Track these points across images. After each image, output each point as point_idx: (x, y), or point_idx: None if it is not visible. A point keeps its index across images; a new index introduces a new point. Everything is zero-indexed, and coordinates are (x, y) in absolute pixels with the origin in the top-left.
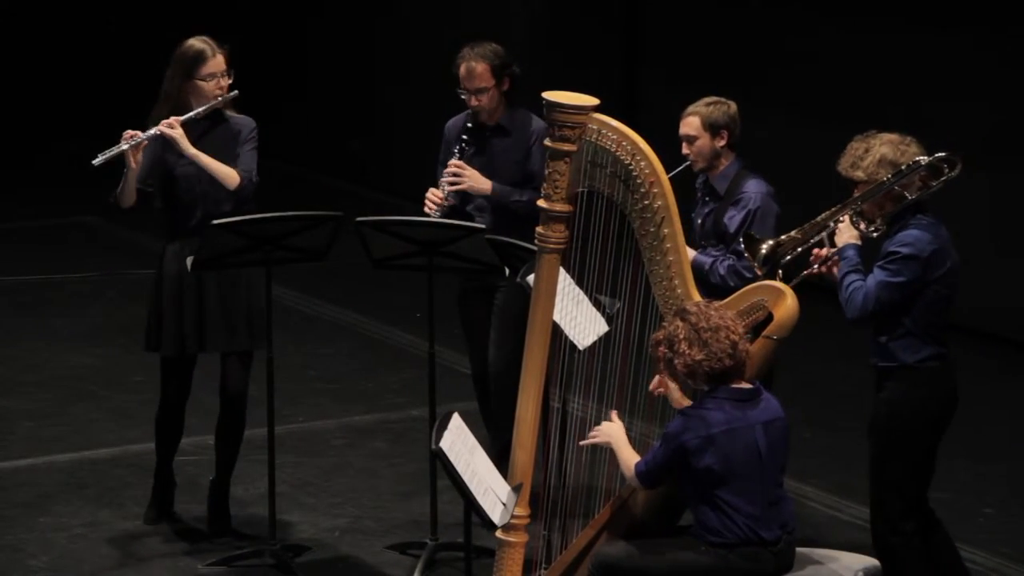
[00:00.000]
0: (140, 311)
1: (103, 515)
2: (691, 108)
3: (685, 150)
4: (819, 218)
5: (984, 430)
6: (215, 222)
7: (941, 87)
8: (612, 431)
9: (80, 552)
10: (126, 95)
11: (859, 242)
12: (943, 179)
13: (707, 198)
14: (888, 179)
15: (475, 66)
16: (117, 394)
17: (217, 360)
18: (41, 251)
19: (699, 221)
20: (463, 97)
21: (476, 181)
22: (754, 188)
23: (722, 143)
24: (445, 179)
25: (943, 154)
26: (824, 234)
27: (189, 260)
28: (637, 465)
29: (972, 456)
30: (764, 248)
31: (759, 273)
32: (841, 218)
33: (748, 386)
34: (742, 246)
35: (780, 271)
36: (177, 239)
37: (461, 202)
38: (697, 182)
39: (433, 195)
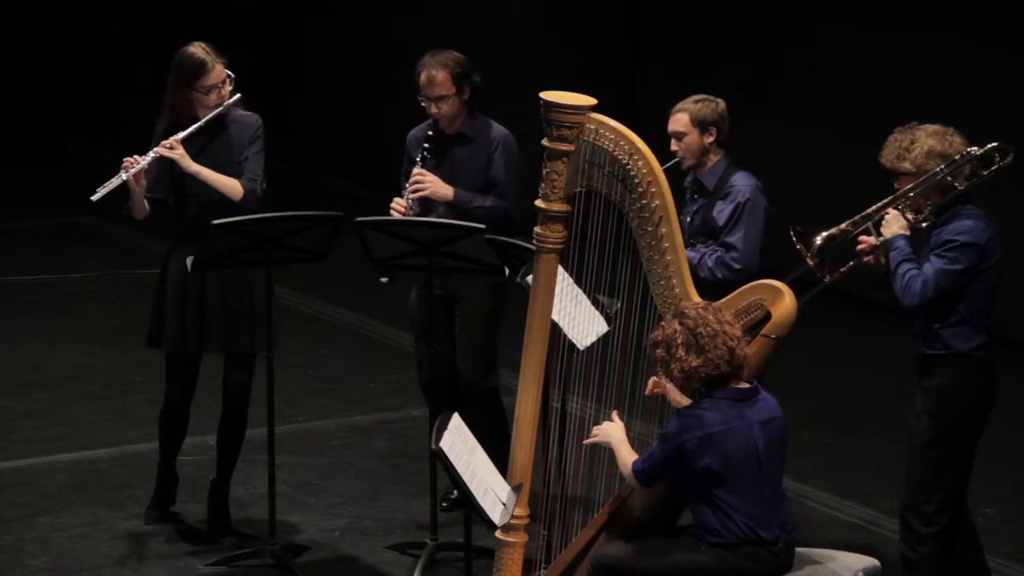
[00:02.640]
0: (140, 311)
1: (103, 515)
2: (680, 105)
3: (674, 147)
4: (868, 210)
5: (984, 430)
6: (215, 222)
7: (941, 88)
8: (612, 431)
9: (80, 552)
10: (127, 96)
11: (908, 232)
12: (994, 168)
13: (696, 195)
14: (940, 169)
15: (435, 74)
16: (117, 394)
17: (220, 360)
18: (41, 251)
19: (688, 219)
20: (423, 104)
21: (438, 187)
22: (743, 182)
23: (711, 140)
24: (408, 187)
25: (995, 144)
26: (870, 223)
27: (189, 260)
28: (634, 464)
29: (979, 456)
30: (819, 239)
31: (811, 264)
32: (888, 210)
33: (746, 385)
34: (734, 241)
35: (827, 264)
36: (183, 239)
37: (424, 210)
38: (687, 180)
39: (397, 204)
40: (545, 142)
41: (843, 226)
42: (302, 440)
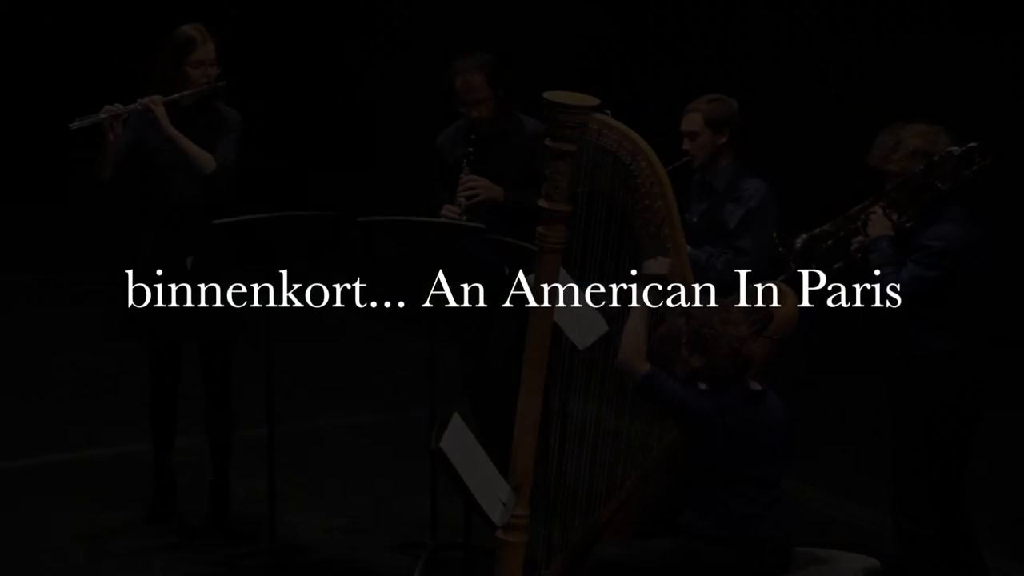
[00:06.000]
0: None
1: (103, 515)
2: (693, 104)
3: (686, 146)
4: (851, 211)
5: (983, 430)
6: (215, 222)
7: (942, 88)
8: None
9: (80, 552)
10: (128, 95)
11: (892, 233)
12: (975, 168)
13: (704, 195)
14: (920, 170)
15: (472, 78)
16: (117, 394)
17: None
18: (41, 251)
19: (695, 219)
20: (462, 111)
21: (490, 191)
22: (755, 186)
23: (723, 140)
24: (461, 194)
25: (975, 144)
26: (859, 223)
27: (189, 261)
28: (649, 372)
29: (972, 456)
30: (799, 242)
31: (793, 267)
32: (873, 210)
33: (757, 387)
34: (744, 244)
35: (814, 263)
36: (150, 227)
37: (475, 213)
38: (694, 179)
39: (450, 211)
40: (548, 142)
41: (826, 227)
42: (302, 440)
